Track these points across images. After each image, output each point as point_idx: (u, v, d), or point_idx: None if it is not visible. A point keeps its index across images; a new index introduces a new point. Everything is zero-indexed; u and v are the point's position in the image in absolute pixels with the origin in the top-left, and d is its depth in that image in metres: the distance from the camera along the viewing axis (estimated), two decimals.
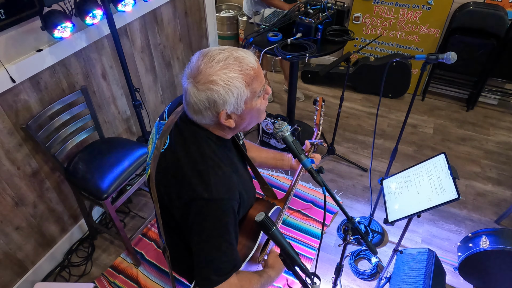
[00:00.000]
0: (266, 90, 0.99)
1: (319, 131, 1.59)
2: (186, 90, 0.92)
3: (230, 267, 1.00)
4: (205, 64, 0.89)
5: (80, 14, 1.68)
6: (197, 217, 0.95)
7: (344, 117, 3.28)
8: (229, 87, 0.88)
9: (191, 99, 0.91)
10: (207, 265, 0.98)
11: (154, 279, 2.04)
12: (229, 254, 0.99)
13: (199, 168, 0.96)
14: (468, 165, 2.76)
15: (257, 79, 0.93)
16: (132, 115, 2.46)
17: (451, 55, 1.49)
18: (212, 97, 0.88)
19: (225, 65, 0.88)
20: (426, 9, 3.06)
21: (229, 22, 3.95)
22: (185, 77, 0.92)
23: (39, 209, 1.92)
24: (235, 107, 0.92)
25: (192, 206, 0.95)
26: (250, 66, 0.91)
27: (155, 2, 2.31)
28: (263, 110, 1.03)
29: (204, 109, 0.92)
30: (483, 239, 1.76)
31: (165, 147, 1.02)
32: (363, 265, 2.12)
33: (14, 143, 1.70)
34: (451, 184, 1.32)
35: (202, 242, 0.97)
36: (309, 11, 2.40)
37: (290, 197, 1.43)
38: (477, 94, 3.21)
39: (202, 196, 0.93)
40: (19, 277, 1.92)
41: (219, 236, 0.97)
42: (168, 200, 1.02)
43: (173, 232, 1.13)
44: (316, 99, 1.60)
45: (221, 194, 0.95)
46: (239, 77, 0.89)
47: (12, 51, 1.58)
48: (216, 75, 0.87)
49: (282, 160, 1.47)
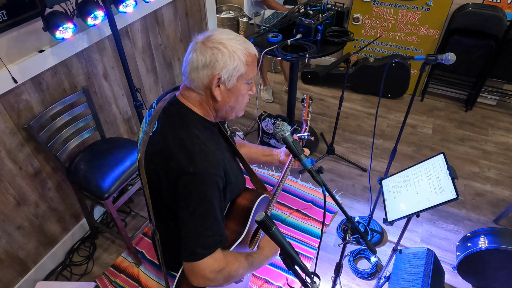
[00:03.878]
0: (252, 87, 1.10)
1: (307, 126, 1.64)
2: (192, 48, 1.01)
3: (215, 241, 1.01)
4: (219, 32, 1.01)
5: (81, 15, 1.69)
6: (183, 191, 0.98)
7: (344, 117, 3.29)
8: (233, 54, 0.98)
9: (195, 55, 0.99)
10: (192, 238, 0.99)
11: (155, 278, 2.05)
12: (214, 229, 1.01)
13: (185, 144, 1.00)
14: (467, 165, 2.78)
15: (254, 66, 1.05)
16: (133, 115, 2.47)
17: (450, 56, 1.51)
18: (216, 56, 0.97)
19: (235, 38, 1.01)
20: (425, 10, 3.08)
21: (229, 23, 3.96)
22: (194, 40, 1.02)
23: (40, 208, 1.93)
24: (229, 77, 1.00)
25: (179, 181, 0.98)
26: (253, 52, 1.04)
27: (156, 3, 2.32)
28: (245, 103, 1.12)
29: (202, 67, 0.99)
30: (482, 239, 1.77)
31: (153, 130, 1.07)
32: (363, 264, 2.13)
33: (16, 143, 1.71)
34: (450, 184, 1.33)
35: (188, 216, 0.99)
36: (309, 12, 2.41)
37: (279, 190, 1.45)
38: (475, 94, 3.22)
39: (187, 170, 0.97)
40: (21, 276, 1.93)
41: (205, 210, 0.99)
42: (157, 180, 1.05)
43: (162, 216, 1.15)
44: (304, 97, 1.66)
45: (206, 168, 0.98)
46: (244, 51, 1.00)
47: (14, 51, 1.59)
48: (226, 41, 0.99)
49: (271, 155, 1.50)
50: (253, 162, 1.50)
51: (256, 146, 1.53)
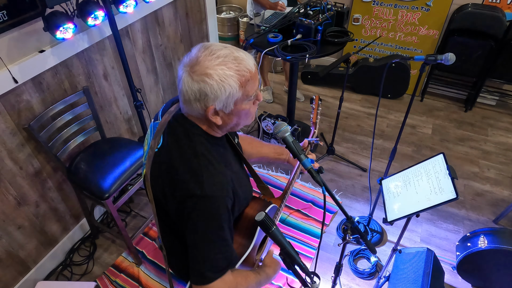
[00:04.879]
0: (258, 96, 1.00)
1: (316, 129, 1.60)
2: (181, 77, 0.92)
3: (225, 264, 0.99)
4: (205, 57, 0.89)
5: (82, 15, 1.69)
6: (191, 214, 0.95)
7: (344, 117, 3.29)
8: (222, 84, 0.89)
9: (184, 87, 0.92)
10: (201, 262, 0.97)
11: (155, 278, 2.06)
12: (224, 251, 0.99)
13: (192, 165, 0.96)
14: (467, 165, 2.78)
15: (252, 82, 0.94)
16: (134, 115, 2.48)
17: (450, 56, 1.51)
18: (204, 90, 0.89)
19: (223, 61, 0.89)
20: (425, 11, 3.08)
21: (229, 23, 3.96)
22: (182, 65, 0.93)
23: (41, 208, 1.94)
24: (225, 105, 0.93)
25: (186, 203, 0.95)
26: (248, 69, 0.92)
27: (156, 3, 2.32)
28: (253, 114, 1.04)
29: (194, 100, 0.92)
30: (481, 239, 1.77)
31: (159, 146, 1.03)
32: (362, 264, 2.14)
33: (17, 143, 1.71)
34: (450, 184, 1.33)
35: (197, 239, 0.97)
36: (309, 13, 2.42)
37: (287, 195, 1.44)
38: (475, 95, 3.23)
39: (195, 193, 0.94)
40: (21, 276, 1.94)
41: (213, 232, 0.97)
42: (163, 198, 1.02)
43: (169, 231, 1.13)
44: (313, 98, 1.61)
45: (214, 191, 0.95)
46: (235, 76, 0.89)
47: (14, 52, 1.59)
48: (213, 69, 0.88)
49: (282, 154, 1.48)
50: (263, 160, 1.49)
51: (267, 144, 1.51)
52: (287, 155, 1.48)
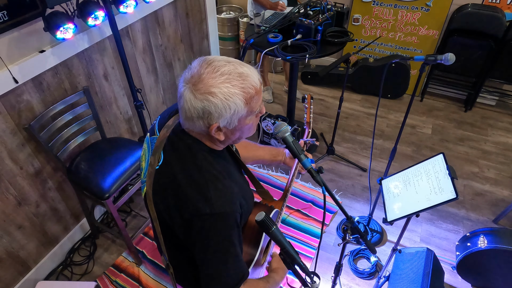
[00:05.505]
0: (261, 110, 0.97)
1: (310, 129, 1.58)
2: (182, 94, 0.88)
3: (237, 279, 0.98)
4: (208, 74, 0.85)
5: (82, 15, 1.69)
6: (200, 233, 0.92)
7: (344, 117, 3.29)
8: (227, 102, 0.85)
9: (186, 104, 0.87)
10: (214, 279, 0.96)
11: (155, 277, 2.06)
12: (235, 266, 0.97)
13: (198, 182, 0.92)
14: (466, 165, 2.78)
15: (257, 98, 0.91)
16: (134, 115, 2.48)
17: (450, 56, 1.51)
18: (208, 109, 0.85)
19: (228, 79, 0.85)
20: (424, 11, 3.09)
21: (229, 24, 3.96)
22: (183, 81, 0.89)
23: (41, 208, 1.94)
24: (229, 122, 0.89)
25: (194, 222, 0.91)
26: (253, 85, 0.88)
27: (156, 3, 2.33)
28: (255, 126, 1.02)
29: (197, 118, 0.88)
30: (481, 239, 1.78)
31: (160, 163, 0.98)
32: (362, 264, 2.14)
33: (17, 143, 1.72)
34: (449, 184, 1.33)
35: (208, 257, 0.95)
36: (309, 13, 2.42)
37: (287, 195, 1.44)
38: (475, 95, 3.23)
39: (204, 211, 0.90)
40: (21, 276, 1.94)
41: (225, 250, 0.94)
42: (168, 217, 0.98)
43: (175, 248, 1.09)
44: (305, 97, 1.59)
45: (223, 207, 0.92)
46: (240, 94, 0.86)
47: (15, 52, 1.60)
48: (217, 88, 0.84)
49: (277, 155, 1.47)
50: (259, 163, 1.48)
51: (263, 147, 1.49)
52: (282, 156, 1.47)
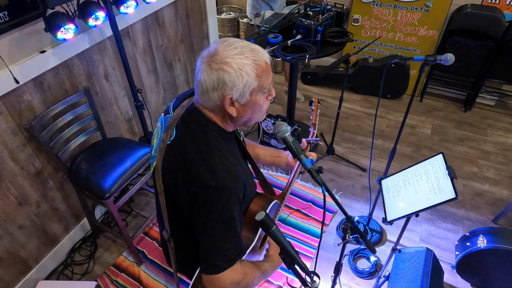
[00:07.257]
0: (271, 91, 1.04)
1: (315, 130, 1.63)
2: (199, 69, 0.96)
3: (235, 254, 1.02)
4: (223, 48, 0.94)
5: (83, 16, 1.70)
6: (204, 205, 0.98)
7: (343, 117, 3.30)
8: (240, 72, 0.93)
9: (202, 77, 0.95)
10: (213, 251, 1.00)
11: (155, 277, 2.06)
12: (234, 241, 1.02)
13: (206, 157, 0.99)
14: (466, 165, 2.79)
15: (267, 74, 0.99)
16: (134, 115, 2.48)
17: (449, 56, 1.51)
18: (223, 78, 0.93)
19: (241, 52, 0.94)
20: (424, 11, 3.09)
21: (230, 24, 3.97)
22: (201, 58, 0.97)
23: (42, 208, 1.94)
24: (241, 94, 0.96)
25: (199, 194, 0.97)
26: (264, 60, 0.97)
27: (157, 4, 2.33)
28: (264, 110, 1.08)
29: (212, 90, 0.95)
30: (481, 238, 1.78)
31: (172, 139, 1.06)
32: (362, 263, 2.14)
33: (18, 143, 1.72)
34: (449, 184, 1.34)
35: (209, 229, 0.99)
36: (309, 13, 2.42)
37: (287, 194, 1.45)
38: (474, 95, 3.23)
39: (209, 184, 0.96)
40: (22, 275, 1.94)
41: (226, 223, 0.99)
42: (174, 191, 1.04)
43: (177, 224, 1.15)
44: (312, 100, 1.66)
45: (227, 182, 0.98)
46: (252, 65, 0.94)
47: (15, 52, 1.60)
48: (231, 58, 0.93)
49: (279, 157, 1.50)
50: (260, 163, 1.51)
51: (264, 147, 1.53)
52: (285, 158, 1.49)
